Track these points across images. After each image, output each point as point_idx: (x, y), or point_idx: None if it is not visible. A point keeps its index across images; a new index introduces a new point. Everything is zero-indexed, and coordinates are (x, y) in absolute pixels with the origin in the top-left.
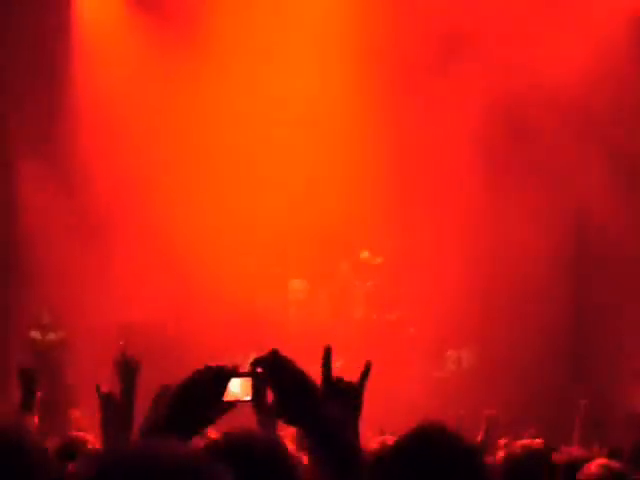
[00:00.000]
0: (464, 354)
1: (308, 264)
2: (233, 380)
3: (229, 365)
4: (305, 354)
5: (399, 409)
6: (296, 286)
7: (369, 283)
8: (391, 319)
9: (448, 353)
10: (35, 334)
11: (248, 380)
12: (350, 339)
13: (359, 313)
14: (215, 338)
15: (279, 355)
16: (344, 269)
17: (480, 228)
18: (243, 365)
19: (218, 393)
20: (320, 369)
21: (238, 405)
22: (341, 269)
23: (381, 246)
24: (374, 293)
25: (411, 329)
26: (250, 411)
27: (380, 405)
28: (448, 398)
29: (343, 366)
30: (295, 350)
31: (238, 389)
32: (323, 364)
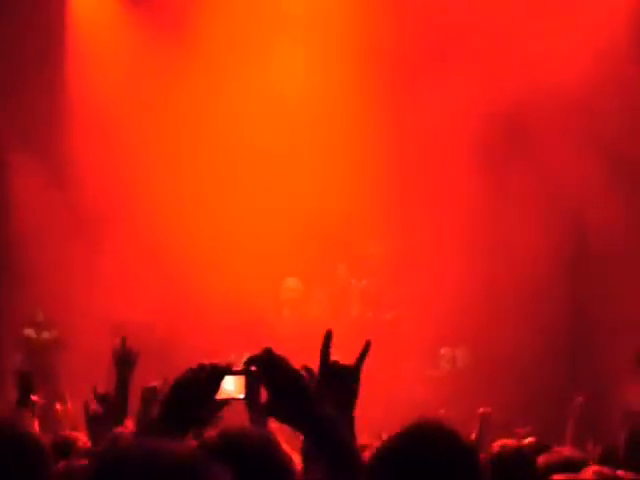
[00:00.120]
0: (459, 353)
1: (302, 263)
2: (227, 378)
3: (223, 363)
4: (299, 353)
5: (394, 408)
6: (290, 285)
7: (364, 282)
8: (386, 318)
9: (442, 351)
10: (29, 332)
11: (242, 378)
12: (344, 338)
13: (354, 312)
14: (208, 337)
15: (273, 353)
16: (340, 268)
17: (479, 228)
18: (237, 364)
19: (212, 391)
20: (315, 368)
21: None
22: (337, 268)
23: (378, 245)
24: (370, 292)
25: (406, 328)
26: (242, 409)
27: (374, 405)
28: (442, 397)
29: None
30: (289, 349)
31: (232, 387)
32: (322, 348)
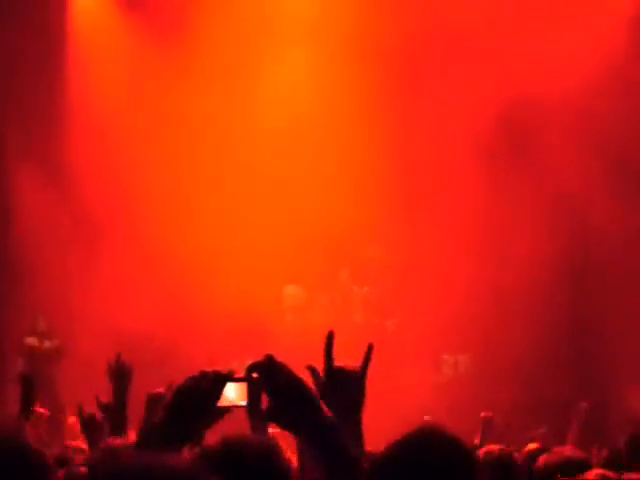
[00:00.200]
0: (461, 359)
1: (304, 269)
2: (229, 385)
3: (225, 370)
4: (301, 360)
5: (395, 414)
6: (290, 292)
7: (366, 288)
8: (389, 324)
9: (444, 357)
10: (32, 341)
11: (243, 385)
12: (347, 344)
13: (356, 318)
14: (209, 345)
15: (274, 360)
16: (342, 274)
17: (483, 234)
18: (238, 371)
19: (214, 398)
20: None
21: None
22: (339, 274)
23: (380, 251)
24: (372, 298)
25: (408, 334)
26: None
27: (375, 410)
28: (444, 403)
29: None
30: (291, 356)
31: (233, 394)
32: (325, 352)
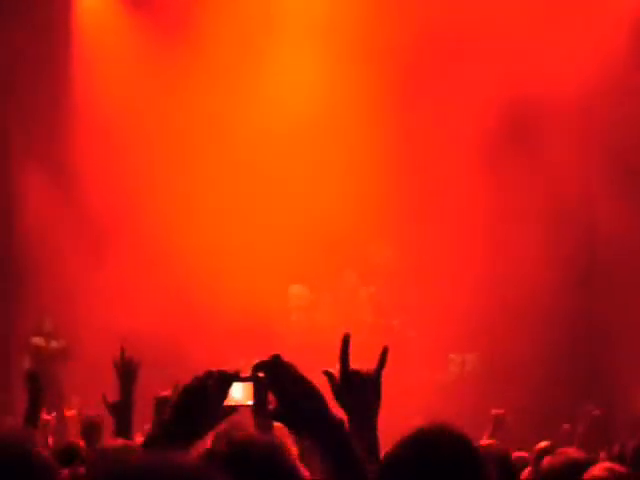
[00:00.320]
0: (468, 358)
1: (310, 269)
2: (235, 385)
3: (231, 370)
4: (307, 359)
5: (402, 413)
6: (296, 292)
7: (372, 288)
8: (395, 324)
9: (451, 356)
10: (38, 340)
11: (250, 385)
12: (353, 344)
13: (362, 318)
14: (215, 345)
15: (281, 360)
16: (348, 274)
17: (490, 235)
18: (244, 371)
19: (220, 398)
20: (320, 376)
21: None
22: (345, 274)
23: (386, 251)
24: (378, 298)
25: (414, 333)
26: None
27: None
28: (451, 401)
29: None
30: (296, 356)
31: (240, 394)
32: (341, 355)
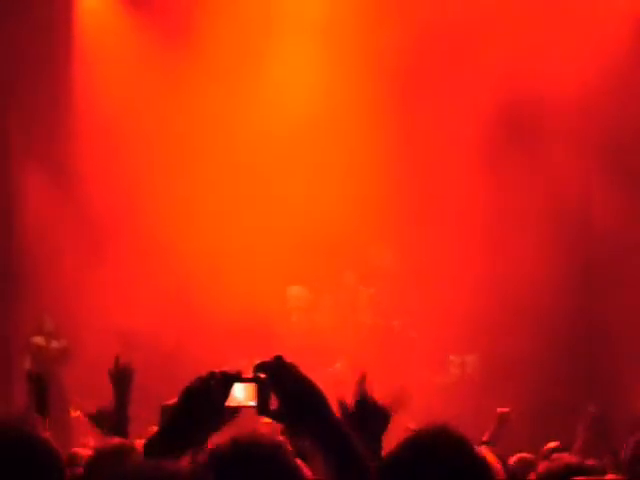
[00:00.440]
0: (469, 359)
1: (310, 270)
2: (237, 385)
3: (233, 371)
4: (306, 361)
5: (403, 416)
6: (295, 293)
7: (372, 289)
8: (395, 325)
9: (451, 358)
10: (39, 340)
11: (252, 385)
12: (352, 344)
13: (362, 319)
14: (215, 346)
15: (283, 360)
16: (347, 275)
17: (490, 235)
18: (245, 372)
19: (222, 399)
20: (321, 376)
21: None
22: (344, 275)
23: (386, 251)
24: (378, 299)
25: (414, 335)
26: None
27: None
28: (452, 403)
29: (342, 368)
30: (296, 357)
31: (242, 394)
32: (358, 387)
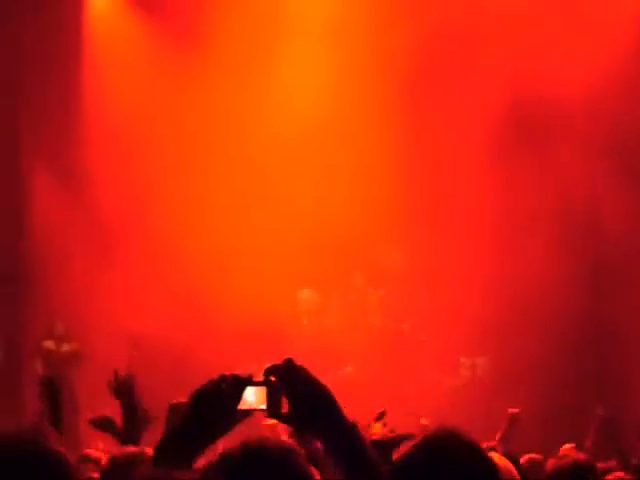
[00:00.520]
0: (479, 361)
1: (319, 272)
2: (248, 389)
3: (244, 374)
4: (317, 363)
5: (413, 418)
6: (304, 296)
7: (381, 291)
8: (405, 327)
9: (462, 360)
10: (49, 344)
11: (263, 389)
12: (363, 347)
13: (372, 321)
14: (225, 349)
15: (293, 363)
16: (357, 277)
17: (500, 236)
18: (256, 375)
19: (233, 402)
20: (332, 378)
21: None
22: (354, 277)
23: (395, 253)
24: (387, 301)
25: (425, 337)
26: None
27: (393, 414)
28: (462, 406)
29: (353, 372)
30: (307, 359)
31: (253, 398)
32: (375, 423)
